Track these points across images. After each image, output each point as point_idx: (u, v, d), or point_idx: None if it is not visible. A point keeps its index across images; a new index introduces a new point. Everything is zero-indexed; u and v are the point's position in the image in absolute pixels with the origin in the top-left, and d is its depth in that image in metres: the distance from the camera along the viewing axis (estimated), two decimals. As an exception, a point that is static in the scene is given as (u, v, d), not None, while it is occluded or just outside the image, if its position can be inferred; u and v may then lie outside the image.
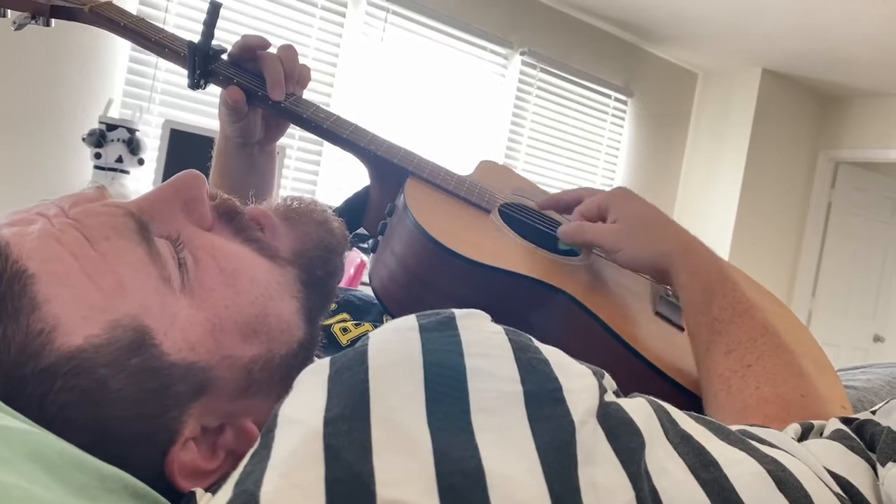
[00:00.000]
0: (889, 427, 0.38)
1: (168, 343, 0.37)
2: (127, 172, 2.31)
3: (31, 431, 0.30)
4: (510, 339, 0.34)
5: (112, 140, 2.26)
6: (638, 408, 0.33)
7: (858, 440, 0.39)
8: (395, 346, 0.32)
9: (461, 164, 0.76)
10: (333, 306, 0.69)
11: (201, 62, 0.71)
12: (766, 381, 0.51)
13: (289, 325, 0.43)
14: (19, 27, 0.74)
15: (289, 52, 0.73)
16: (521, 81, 3.54)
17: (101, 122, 2.29)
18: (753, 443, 0.35)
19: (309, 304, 0.45)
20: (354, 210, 0.76)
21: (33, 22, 0.73)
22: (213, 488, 0.36)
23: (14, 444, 0.28)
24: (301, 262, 0.46)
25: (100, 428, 0.35)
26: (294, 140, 2.94)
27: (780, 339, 0.55)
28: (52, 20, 0.73)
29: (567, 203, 0.71)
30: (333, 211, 0.75)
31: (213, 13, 0.71)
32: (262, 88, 0.71)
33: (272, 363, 0.42)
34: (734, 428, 0.37)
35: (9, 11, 0.73)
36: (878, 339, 4.50)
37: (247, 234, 0.45)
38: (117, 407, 0.35)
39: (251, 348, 0.41)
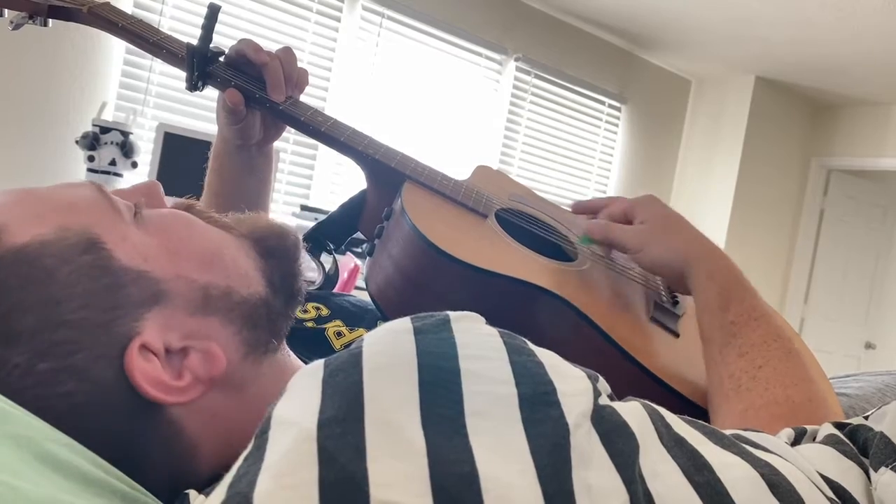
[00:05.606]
0: (882, 432, 0.38)
1: (119, 251, 0.39)
2: (120, 175, 2.30)
3: (14, 435, 0.30)
4: (505, 342, 0.34)
5: (105, 143, 2.26)
6: (632, 411, 0.33)
7: (851, 445, 0.40)
8: (389, 348, 0.32)
9: (456, 170, 0.76)
10: (326, 311, 0.69)
11: (200, 64, 0.71)
12: (777, 382, 0.52)
13: (247, 273, 0.45)
14: (17, 27, 0.73)
15: (288, 54, 0.73)
16: (515, 87, 3.56)
17: (94, 125, 2.28)
18: (747, 447, 0.35)
19: (268, 272, 0.46)
20: (351, 214, 0.76)
21: (31, 22, 0.73)
22: (206, 490, 0.36)
23: None
24: (254, 237, 0.48)
25: (48, 311, 0.36)
26: (289, 144, 2.94)
27: (791, 345, 0.56)
28: (50, 20, 0.73)
29: (596, 207, 0.74)
30: (329, 216, 0.76)
31: (212, 15, 0.71)
32: (260, 91, 0.71)
33: (231, 298, 0.43)
34: (728, 432, 0.37)
35: (6, 11, 0.73)
36: (869, 346, 4.52)
37: (202, 216, 0.48)
38: (65, 292, 0.37)
39: (207, 275, 0.42)
